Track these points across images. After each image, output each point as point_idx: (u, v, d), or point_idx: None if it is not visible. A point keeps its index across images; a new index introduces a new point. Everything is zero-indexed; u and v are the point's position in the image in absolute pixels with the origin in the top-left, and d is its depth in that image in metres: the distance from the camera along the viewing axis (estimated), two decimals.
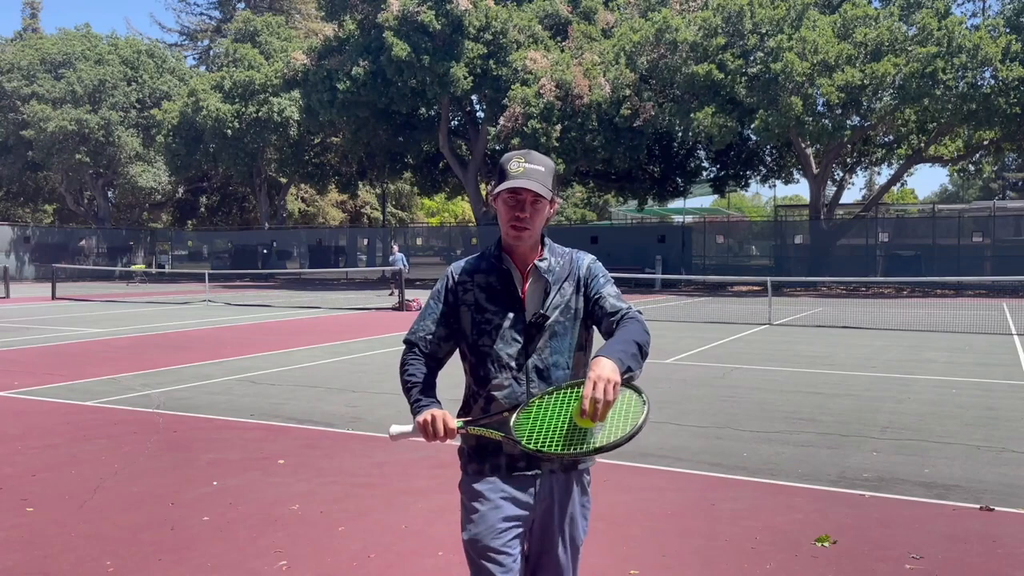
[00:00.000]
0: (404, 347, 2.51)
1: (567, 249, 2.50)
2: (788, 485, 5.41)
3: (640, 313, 2.36)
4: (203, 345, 13.46)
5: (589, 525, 2.54)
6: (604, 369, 2.01)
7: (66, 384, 9.55)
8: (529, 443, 2.11)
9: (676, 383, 9.44)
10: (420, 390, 2.37)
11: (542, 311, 2.35)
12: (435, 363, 2.47)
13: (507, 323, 2.36)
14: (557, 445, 2.09)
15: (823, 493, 5.25)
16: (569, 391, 2.19)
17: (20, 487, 5.46)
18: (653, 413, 7.63)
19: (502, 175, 2.35)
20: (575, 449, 2.07)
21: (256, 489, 5.39)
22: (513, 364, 2.34)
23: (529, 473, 2.35)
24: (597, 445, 2.06)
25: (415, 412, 2.31)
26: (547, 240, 2.46)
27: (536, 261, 2.39)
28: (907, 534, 4.50)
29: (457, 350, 2.50)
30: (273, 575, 4.01)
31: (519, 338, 2.35)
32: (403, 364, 2.47)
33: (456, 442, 2.46)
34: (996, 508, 4.88)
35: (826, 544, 4.33)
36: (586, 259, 2.47)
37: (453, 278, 2.46)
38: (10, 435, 6.98)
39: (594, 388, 1.97)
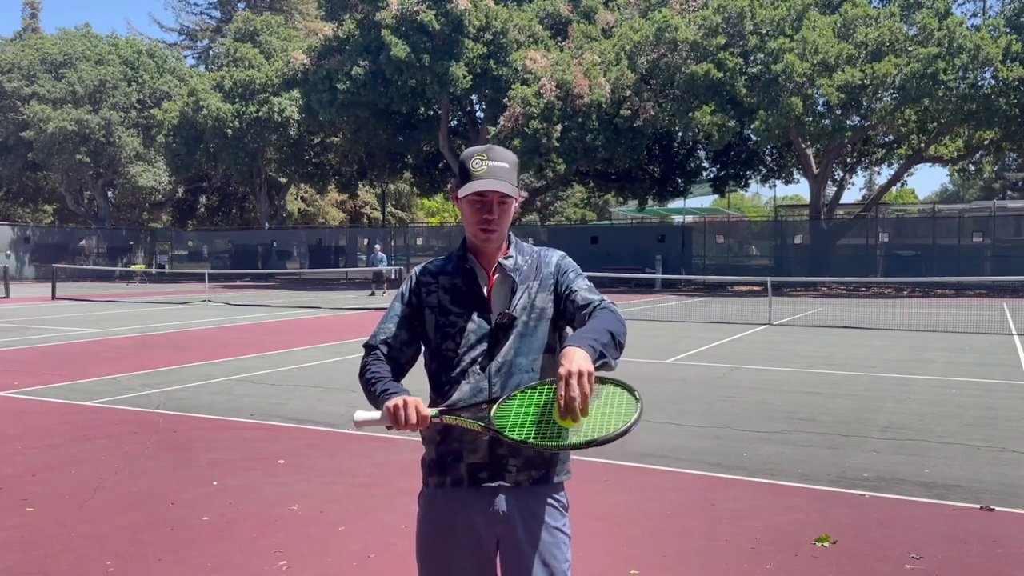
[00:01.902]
0: (364, 352, 2.34)
1: (535, 248, 2.37)
2: (788, 485, 5.41)
3: (614, 304, 2.21)
4: (203, 345, 13.46)
5: (571, 538, 2.30)
6: (575, 360, 1.86)
7: (66, 384, 9.55)
8: (512, 433, 1.98)
9: (676, 383, 9.44)
10: (387, 381, 2.20)
11: (508, 311, 2.23)
12: (397, 368, 2.30)
13: (471, 325, 2.23)
14: (539, 436, 1.97)
15: (823, 493, 5.25)
16: (552, 386, 2.04)
17: (20, 487, 5.46)
18: (654, 414, 7.52)
19: (464, 174, 2.21)
20: (558, 441, 1.95)
21: (256, 489, 5.39)
22: (477, 368, 2.21)
23: (492, 484, 2.20)
24: (585, 439, 1.92)
25: (384, 400, 2.12)
26: (513, 238, 2.34)
27: (501, 259, 2.27)
28: (907, 534, 4.49)
29: (420, 358, 2.36)
30: (273, 575, 4.01)
31: (484, 340, 2.22)
32: (363, 367, 2.29)
33: (416, 439, 2.30)
34: (996, 508, 4.88)
35: (826, 544, 4.33)
36: (554, 256, 2.34)
37: (416, 279, 2.33)
38: (10, 435, 6.98)
39: (567, 386, 1.84)
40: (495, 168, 2.19)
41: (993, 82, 25.77)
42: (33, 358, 11.92)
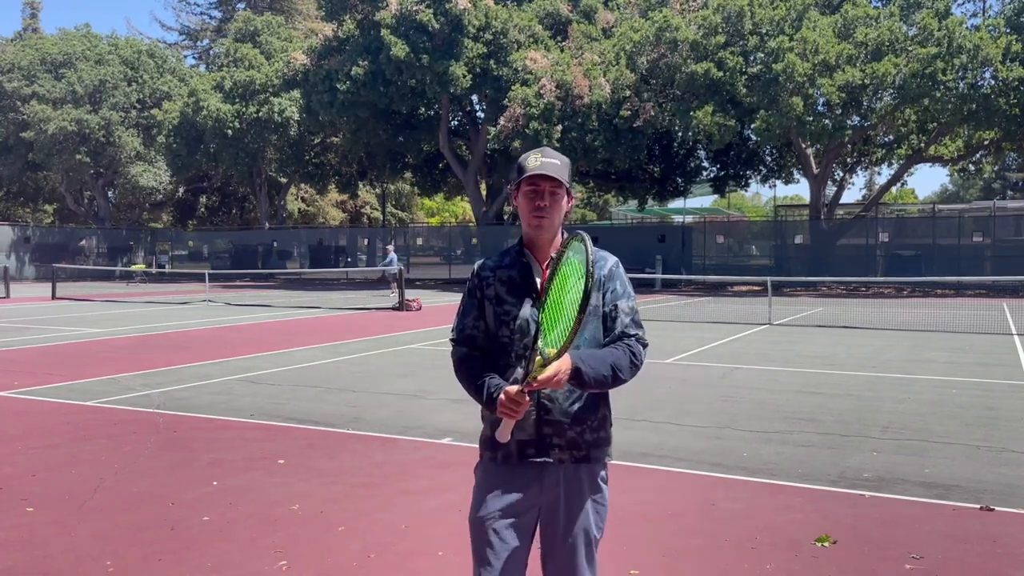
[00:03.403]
0: (452, 347, 2.59)
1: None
2: (788, 485, 5.41)
3: (642, 345, 2.47)
4: (203, 345, 13.46)
5: (606, 522, 2.56)
6: (561, 368, 2.24)
7: (66, 384, 9.55)
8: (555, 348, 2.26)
9: (676, 383, 9.44)
10: (484, 379, 2.43)
11: None
12: (485, 357, 2.52)
13: (524, 312, 2.44)
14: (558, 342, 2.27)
15: (823, 493, 5.25)
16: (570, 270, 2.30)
17: (20, 487, 5.46)
18: (653, 414, 7.53)
19: (520, 172, 2.45)
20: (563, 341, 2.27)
21: (256, 489, 5.39)
22: (529, 353, 2.38)
23: (538, 460, 2.43)
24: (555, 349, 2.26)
25: (493, 402, 2.37)
26: (567, 235, 2.52)
27: (553, 254, 2.45)
28: (907, 534, 4.50)
29: None
30: (273, 575, 4.01)
31: (536, 327, 2.40)
32: (456, 366, 2.54)
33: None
34: (996, 508, 4.88)
35: (826, 544, 4.33)
36: (610, 260, 2.54)
37: (476, 275, 2.56)
38: (10, 435, 6.98)
39: (546, 382, 2.23)
40: (547, 163, 2.44)
41: (993, 82, 25.74)
42: (33, 358, 11.92)
